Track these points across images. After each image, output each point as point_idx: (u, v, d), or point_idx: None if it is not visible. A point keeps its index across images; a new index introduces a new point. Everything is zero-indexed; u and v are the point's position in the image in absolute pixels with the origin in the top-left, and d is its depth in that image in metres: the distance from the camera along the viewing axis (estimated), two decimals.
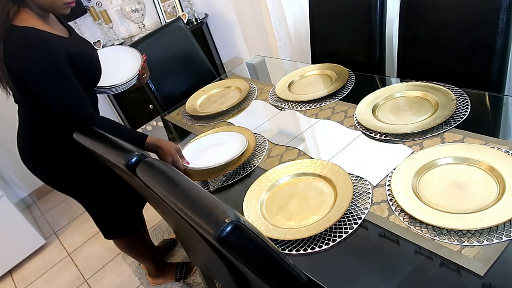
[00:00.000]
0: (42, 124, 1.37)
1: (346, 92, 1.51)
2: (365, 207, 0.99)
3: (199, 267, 1.56)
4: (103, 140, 1.17)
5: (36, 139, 1.40)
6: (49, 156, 1.41)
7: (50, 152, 1.41)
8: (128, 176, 1.11)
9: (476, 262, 0.78)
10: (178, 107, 1.91)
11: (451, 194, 0.93)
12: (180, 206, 0.77)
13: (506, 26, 1.27)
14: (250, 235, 0.70)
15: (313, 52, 1.99)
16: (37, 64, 1.19)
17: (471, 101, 1.22)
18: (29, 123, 1.39)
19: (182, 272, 1.90)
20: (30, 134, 1.41)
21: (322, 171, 1.14)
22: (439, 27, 1.45)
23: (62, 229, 2.65)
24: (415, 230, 0.89)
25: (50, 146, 1.40)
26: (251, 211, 1.09)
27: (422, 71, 1.56)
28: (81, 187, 1.49)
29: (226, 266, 1.02)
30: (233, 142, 1.42)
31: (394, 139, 1.18)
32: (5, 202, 2.30)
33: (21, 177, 2.96)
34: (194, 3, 3.08)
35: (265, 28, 2.72)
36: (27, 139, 1.42)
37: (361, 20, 1.69)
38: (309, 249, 0.94)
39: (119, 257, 2.24)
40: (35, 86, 1.23)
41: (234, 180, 1.27)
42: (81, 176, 1.46)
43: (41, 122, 1.37)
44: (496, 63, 1.33)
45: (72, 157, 1.41)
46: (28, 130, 1.41)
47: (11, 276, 2.39)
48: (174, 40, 2.11)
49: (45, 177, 1.50)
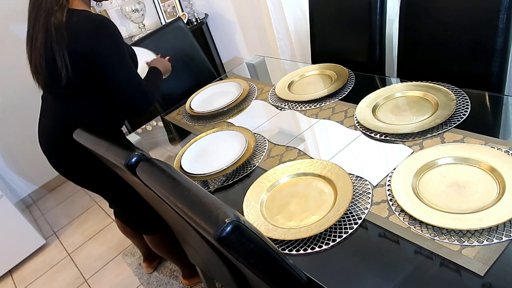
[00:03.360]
0: (90, 115, 1.35)
1: (346, 92, 1.51)
2: (365, 207, 0.99)
3: (199, 267, 1.56)
4: (103, 140, 1.17)
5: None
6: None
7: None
8: (128, 176, 1.11)
9: (476, 262, 0.78)
10: (178, 107, 1.91)
11: (451, 194, 0.93)
12: (180, 206, 0.77)
13: (506, 26, 1.27)
14: (250, 235, 0.70)
15: (313, 52, 1.99)
16: (108, 43, 1.19)
17: (471, 101, 1.22)
18: (75, 114, 1.35)
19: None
20: (74, 126, 1.34)
21: (322, 171, 1.14)
22: (439, 27, 1.45)
23: (62, 229, 2.65)
24: (415, 230, 0.89)
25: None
26: (251, 211, 1.09)
27: (422, 71, 1.56)
28: (115, 185, 1.46)
29: (226, 266, 1.02)
30: (233, 142, 1.42)
31: (394, 139, 1.18)
32: (5, 202, 2.30)
33: (21, 177, 2.96)
34: (194, 3, 3.08)
35: (265, 28, 2.72)
36: (69, 132, 1.35)
37: (361, 20, 1.69)
38: (309, 249, 0.94)
39: (119, 257, 2.24)
40: (105, 66, 1.22)
41: (234, 180, 1.27)
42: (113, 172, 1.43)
43: (91, 112, 1.35)
44: (496, 63, 1.33)
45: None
46: (71, 122, 1.35)
47: (11, 276, 2.39)
48: (174, 40, 2.11)
49: (78, 173, 1.46)
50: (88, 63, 1.21)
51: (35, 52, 1.24)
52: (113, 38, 1.21)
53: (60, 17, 1.17)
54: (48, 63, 1.23)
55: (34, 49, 1.24)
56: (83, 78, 1.26)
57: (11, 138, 2.84)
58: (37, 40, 1.22)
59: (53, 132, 1.39)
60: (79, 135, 1.29)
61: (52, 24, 1.18)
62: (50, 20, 1.18)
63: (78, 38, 1.18)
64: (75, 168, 1.45)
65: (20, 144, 2.86)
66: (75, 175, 1.49)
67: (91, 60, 1.21)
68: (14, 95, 2.78)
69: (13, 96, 2.78)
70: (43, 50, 1.22)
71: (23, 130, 2.83)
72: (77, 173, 1.47)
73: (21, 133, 2.84)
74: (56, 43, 1.18)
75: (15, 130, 2.83)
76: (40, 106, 1.47)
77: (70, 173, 1.48)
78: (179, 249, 1.64)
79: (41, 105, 1.46)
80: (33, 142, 2.81)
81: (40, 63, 1.24)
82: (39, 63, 1.24)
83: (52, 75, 1.25)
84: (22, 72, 2.86)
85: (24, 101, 2.80)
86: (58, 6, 1.18)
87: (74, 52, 1.19)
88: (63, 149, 1.39)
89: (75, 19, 1.18)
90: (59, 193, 3.03)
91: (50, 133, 1.40)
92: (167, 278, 1.99)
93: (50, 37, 1.19)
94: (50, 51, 1.20)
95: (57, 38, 1.18)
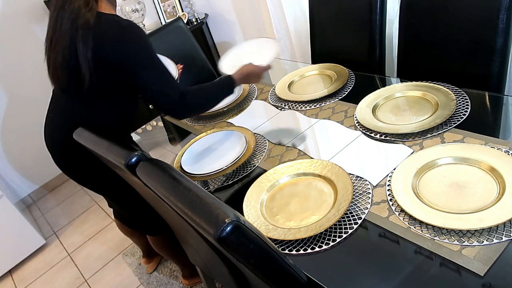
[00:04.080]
0: (103, 117, 1.34)
1: (346, 92, 1.51)
2: (365, 207, 0.99)
3: (199, 267, 1.56)
4: (103, 140, 1.17)
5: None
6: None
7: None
8: (128, 176, 1.11)
9: (476, 262, 0.78)
10: None
11: (451, 194, 0.93)
12: (180, 206, 0.77)
13: (506, 26, 1.27)
14: (250, 235, 0.70)
15: (313, 52, 1.99)
16: (136, 48, 1.18)
17: (471, 101, 1.22)
18: (88, 116, 1.33)
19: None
20: (84, 127, 1.33)
21: (322, 171, 1.14)
22: (439, 27, 1.45)
23: (62, 229, 2.65)
24: (415, 230, 0.89)
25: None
26: (251, 211, 1.09)
27: (422, 71, 1.56)
28: (119, 186, 1.45)
29: (226, 266, 1.02)
30: (233, 142, 1.42)
31: (394, 139, 1.18)
32: (5, 202, 2.30)
33: (21, 177, 2.96)
34: (194, 3, 3.08)
35: (265, 28, 2.72)
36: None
37: (361, 20, 1.69)
38: (309, 249, 0.94)
39: (119, 257, 2.24)
40: (134, 71, 1.19)
41: (234, 180, 1.27)
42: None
43: (104, 115, 1.33)
44: (496, 63, 1.33)
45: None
46: (81, 123, 1.34)
47: (11, 276, 2.39)
48: (174, 40, 2.11)
49: (82, 173, 1.46)
50: (114, 68, 1.20)
51: (56, 53, 1.21)
52: (140, 43, 1.19)
53: (88, 20, 1.15)
54: (70, 65, 1.21)
55: (54, 50, 1.22)
56: (105, 82, 1.24)
57: (11, 138, 2.84)
58: (57, 42, 1.20)
59: (61, 130, 1.38)
60: (79, 135, 1.29)
61: (79, 26, 1.15)
62: (77, 22, 1.16)
63: (104, 43, 1.16)
64: (80, 168, 1.45)
65: (20, 144, 2.86)
66: (79, 174, 1.48)
67: (118, 66, 1.19)
68: (14, 96, 2.78)
69: (13, 97, 2.78)
70: (67, 51, 1.19)
71: (23, 130, 2.84)
72: (81, 173, 1.47)
73: (21, 133, 2.84)
74: (81, 46, 1.16)
75: (15, 130, 2.83)
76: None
77: (74, 173, 1.48)
78: (180, 250, 1.63)
79: (50, 102, 1.43)
80: (33, 142, 2.83)
81: (61, 64, 1.22)
82: (59, 65, 1.22)
83: (73, 77, 1.23)
84: (22, 73, 2.87)
85: (24, 101, 2.80)
86: (86, 8, 1.16)
87: (99, 56, 1.17)
88: (69, 148, 1.38)
89: (103, 23, 1.16)
90: (59, 193, 3.03)
91: (58, 130, 1.39)
92: (167, 278, 1.99)
93: (75, 39, 1.16)
94: (74, 53, 1.18)
95: (83, 40, 1.15)
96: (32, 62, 2.76)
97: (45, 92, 2.48)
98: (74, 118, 1.34)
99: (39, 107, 1.48)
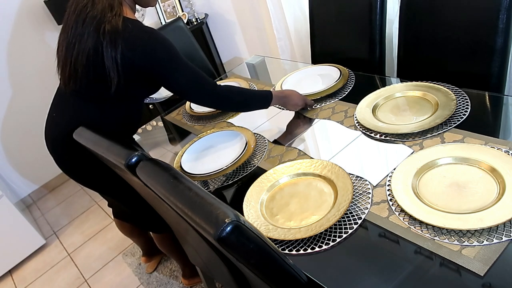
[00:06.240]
0: (109, 119, 1.35)
1: (346, 92, 1.51)
2: (365, 207, 0.99)
3: (199, 267, 1.56)
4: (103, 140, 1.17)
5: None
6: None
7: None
8: (128, 176, 1.11)
9: (476, 262, 0.78)
10: (178, 107, 1.91)
11: (451, 194, 0.93)
12: (180, 206, 0.77)
13: (506, 26, 1.27)
14: (250, 235, 0.70)
15: (313, 52, 1.99)
16: (164, 53, 1.21)
17: (471, 101, 1.22)
18: (94, 117, 1.34)
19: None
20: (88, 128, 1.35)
21: (322, 171, 1.14)
22: (439, 27, 1.45)
23: (62, 229, 2.65)
24: (415, 230, 0.89)
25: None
26: (251, 211, 1.09)
27: (422, 71, 1.56)
28: (122, 185, 1.44)
29: (226, 266, 1.02)
30: (233, 142, 1.42)
31: (394, 139, 1.18)
32: (5, 202, 2.30)
33: (21, 177, 2.96)
34: (194, 3, 3.08)
35: (265, 28, 2.72)
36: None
37: (361, 20, 1.69)
38: (309, 249, 0.94)
39: (119, 257, 2.24)
40: (165, 74, 1.23)
41: (234, 180, 1.27)
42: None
43: (111, 117, 1.35)
44: (496, 63, 1.33)
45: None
46: (85, 124, 1.34)
47: (11, 276, 2.39)
48: (174, 40, 2.08)
49: (84, 173, 1.46)
50: (143, 72, 1.21)
51: (77, 54, 1.21)
52: (168, 47, 1.22)
53: (117, 25, 1.16)
54: (95, 68, 1.21)
55: (71, 53, 1.22)
56: (131, 85, 1.25)
57: (11, 138, 2.84)
58: (80, 43, 1.20)
59: (65, 130, 1.37)
60: (79, 135, 1.29)
61: (106, 31, 1.16)
62: (102, 27, 1.16)
63: (135, 48, 1.17)
64: (82, 168, 1.45)
65: (20, 144, 2.86)
66: (82, 175, 1.48)
67: (148, 70, 1.21)
68: (14, 96, 2.78)
69: (14, 97, 2.78)
70: (92, 53, 1.19)
71: (23, 130, 2.84)
72: (84, 173, 1.47)
73: (21, 133, 2.84)
74: (110, 50, 1.16)
75: (15, 130, 2.83)
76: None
77: (76, 173, 1.48)
78: (183, 249, 1.64)
79: (53, 101, 1.43)
80: (33, 142, 2.83)
81: (84, 66, 1.22)
82: (81, 66, 1.22)
83: (97, 80, 1.23)
84: (22, 73, 2.87)
85: (25, 101, 2.80)
86: (112, 14, 1.16)
87: (129, 60, 1.18)
88: (71, 148, 1.38)
89: (131, 28, 1.17)
90: (59, 193, 3.03)
91: (61, 130, 1.38)
92: (167, 278, 1.99)
93: (101, 43, 1.17)
94: (100, 57, 1.18)
95: (111, 45, 1.16)
96: (32, 62, 2.76)
97: (45, 92, 2.48)
98: (81, 119, 1.34)
99: (39, 107, 1.48)
